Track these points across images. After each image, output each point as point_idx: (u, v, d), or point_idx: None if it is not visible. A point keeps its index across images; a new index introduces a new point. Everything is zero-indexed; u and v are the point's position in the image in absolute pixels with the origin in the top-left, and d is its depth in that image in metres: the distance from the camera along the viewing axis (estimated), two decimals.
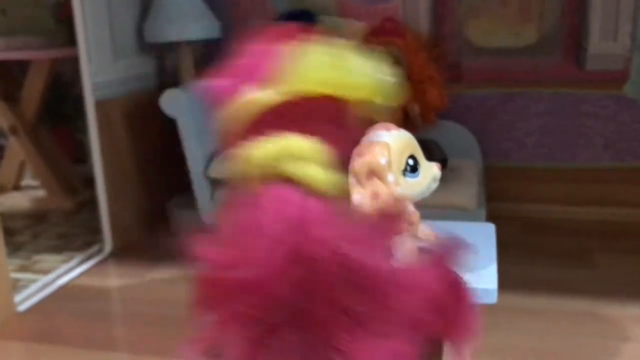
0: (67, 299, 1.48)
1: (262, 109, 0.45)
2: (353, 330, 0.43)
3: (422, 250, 0.76)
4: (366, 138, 0.71)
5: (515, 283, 1.34)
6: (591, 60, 1.78)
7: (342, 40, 0.46)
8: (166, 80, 2.02)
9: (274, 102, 0.45)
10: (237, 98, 0.47)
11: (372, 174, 0.67)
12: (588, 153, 1.86)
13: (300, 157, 0.42)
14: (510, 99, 1.89)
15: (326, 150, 0.44)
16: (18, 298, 1.44)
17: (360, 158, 0.68)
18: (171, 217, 1.90)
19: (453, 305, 0.49)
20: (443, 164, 1.17)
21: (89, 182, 1.86)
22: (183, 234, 0.46)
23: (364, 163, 0.67)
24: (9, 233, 1.80)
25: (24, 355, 1.26)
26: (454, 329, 0.48)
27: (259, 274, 0.42)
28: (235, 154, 0.46)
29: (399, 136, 0.71)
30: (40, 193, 2.27)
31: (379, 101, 0.46)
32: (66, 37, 2.01)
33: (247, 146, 0.45)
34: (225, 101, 0.48)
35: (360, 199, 0.62)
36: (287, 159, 0.43)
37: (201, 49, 2.03)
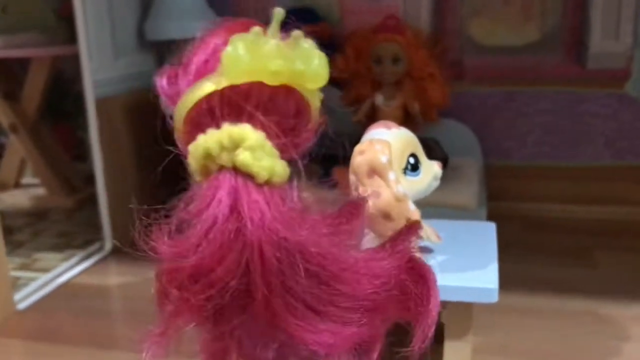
0: (68, 297, 1.48)
1: (205, 100, 0.45)
2: (304, 314, 0.43)
3: (422, 250, 0.76)
4: (366, 136, 0.71)
5: (515, 282, 1.34)
6: (593, 58, 1.77)
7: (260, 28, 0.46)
8: None
9: (217, 93, 0.44)
10: (186, 94, 0.47)
11: (373, 172, 0.67)
12: (589, 151, 1.86)
13: (245, 147, 0.42)
14: (511, 98, 1.88)
15: (272, 139, 0.44)
16: (18, 296, 1.44)
17: (360, 156, 0.68)
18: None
19: (414, 287, 0.48)
20: (444, 162, 1.17)
21: (90, 180, 1.85)
22: (144, 229, 0.48)
23: (365, 161, 0.67)
24: (8, 231, 1.80)
25: (24, 353, 1.26)
26: (417, 311, 0.48)
27: (201, 260, 0.42)
28: (187, 149, 0.47)
29: (400, 134, 0.70)
30: (40, 191, 2.26)
31: (310, 86, 0.46)
32: (67, 35, 2.01)
33: (194, 139, 0.46)
34: (176, 99, 0.48)
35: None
36: (232, 149, 0.43)
37: None
